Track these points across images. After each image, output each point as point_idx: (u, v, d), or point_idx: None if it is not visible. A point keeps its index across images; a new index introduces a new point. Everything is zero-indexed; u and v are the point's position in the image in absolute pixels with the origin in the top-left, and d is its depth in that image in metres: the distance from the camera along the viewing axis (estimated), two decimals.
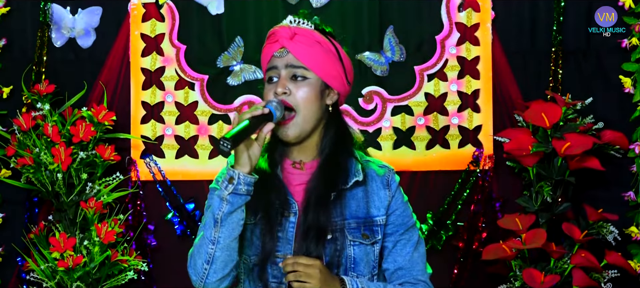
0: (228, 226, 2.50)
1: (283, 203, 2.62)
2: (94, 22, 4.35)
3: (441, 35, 4.30)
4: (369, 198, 2.66)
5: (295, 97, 2.57)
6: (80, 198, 4.03)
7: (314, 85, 2.59)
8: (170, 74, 4.33)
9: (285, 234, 2.61)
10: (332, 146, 2.66)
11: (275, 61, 2.62)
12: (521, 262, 3.99)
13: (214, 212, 2.50)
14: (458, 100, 4.29)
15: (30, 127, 4.01)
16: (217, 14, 4.32)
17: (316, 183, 2.61)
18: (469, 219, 4.25)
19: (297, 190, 2.65)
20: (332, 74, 2.62)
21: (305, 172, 2.66)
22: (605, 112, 4.19)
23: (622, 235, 4.10)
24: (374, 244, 2.66)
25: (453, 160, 4.29)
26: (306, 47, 2.59)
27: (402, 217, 2.71)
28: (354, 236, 2.63)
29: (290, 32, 2.60)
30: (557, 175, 4.00)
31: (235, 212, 2.49)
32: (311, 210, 2.58)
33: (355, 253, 2.63)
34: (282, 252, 2.61)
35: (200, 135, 4.32)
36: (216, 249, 2.51)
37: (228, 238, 2.51)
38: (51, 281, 3.95)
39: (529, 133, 4.04)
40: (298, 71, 2.58)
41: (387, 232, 2.69)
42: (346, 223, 2.62)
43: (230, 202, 2.48)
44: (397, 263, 2.70)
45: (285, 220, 2.62)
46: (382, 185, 2.69)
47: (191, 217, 4.29)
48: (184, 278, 4.27)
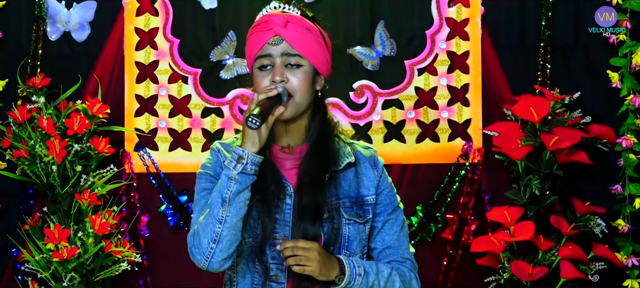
0: (236, 205, 2.50)
1: (278, 186, 2.64)
2: (89, 16, 4.37)
3: (431, 30, 4.33)
4: (360, 178, 2.69)
5: (292, 84, 2.57)
6: (74, 190, 4.05)
7: (308, 72, 2.59)
8: (164, 67, 4.36)
9: (283, 216, 2.63)
10: (320, 130, 2.67)
11: (269, 49, 2.60)
12: (510, 254, 4.00)
13: (221, 191, 2.49)
14: (448, 94, 4.33)
15: (25, 120, 4.03)
16: (210, 8, 4.35)
17: (309, 166, 2.62)
18: (458, 212, 4.28)
19: (290, 173, 2.66)
20: (321, 60, 2.63)
21: (294, 156, 2.67)
22: (593, 106, 4.21)
23: (609, 227, 4.10)
24: (366, 223, 2.68)
25: (443, 153, 4.32)
26: (299, 35, 2.59)
27: (390, 196, 2.74)
28: (349, 215, 2.65)
29: (284, 19, 2.59)
30: (546, 169, 4.01)
31: (243, 191, 2.51)
32: (306, 192, 2.59)
33: (350, 232, 2.65)
34: (280, 233, 2.62)
35: (193, 128, 4.35)
36: (223, 228, 2.51)
37: (235, 218, 2.52)
38: (46, 272, 3.97)
39: (518, 127, 4.06)
40: (293, 59, 2.58)
41: (376, 212, 2.71)
42: (341, 203, 2.65)
43: (239, 181, 2.48)
44: (385, 242, 2.73)
45: (281, 202, 2.63)
46: (370, 166, 2.71)
47: (184, 208, 4.31)
48: (177, 269, 4.34)
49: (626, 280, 4.19)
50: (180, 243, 4.27)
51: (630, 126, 4.20)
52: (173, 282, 4.32)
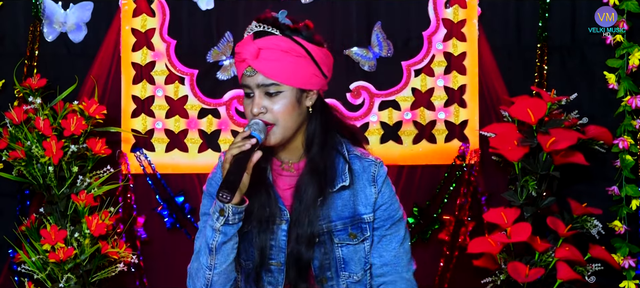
0: (223, 253, 2.52)
1: (274, 211, 2.64)
2: (85, 16, 4.37)
3: (428, 32, 4.33)
4: (356, 197, 2.66)
5: (272, 112, 2.54)
6: (71, 191, 4.04)
7: (289, 96, 2.55)
8: (161, 68, 4.36)
9: (277, 242, 2.63)
10: (318, 144, 2.64)
11: (246, 80, 2.57)
12: (506, 255, 4.00)
13: (208, 241, 2.51)
14: (444, 95, 4.33)
15: (22, 121, 4.03)
16: (207, 9, 4.35)
17: (304, 188, 2.60)
18: (455, 213, 4.29)
19: (286, 194, 2.66)
20: (306, 78, 2.57)
21: (294, 174, 2.65)
22: (590, 107, 4.22)
23: (606, 229, 4.10)
24: (364, 241, 2.66)
25: (439, 154, 4.33)
26: (273, 63, 2.52)
27: (389, 211, 2.71)
28: (341, 238, 2.64)
29: (255, 48, 2.53)
30: (542, 170, 4.01)
31: (228, 241, 2.52)
32: (300, 215, 2.59)
33: (344, 254, 2.64)
34: (275, 260, 2.63)
35: (189, 129, 4.35)
36: (213, 274, 2.54)
37: (224, 264, 2.53)
38: (42, 273, 3.97)
39: (515, 128, 4.05)
40: (270, 88, 2.54)
41: (375, 226, 2.70)
42: (333, 226, 2.63)
43: (223, 232, 2.48)
44: (382, 258, 2.71)
45: (277, 227, 2.63)
46: (368, 183, 2.68)
47: (181, 209, 4.32)
48: (174, 270, 4.35)
49: (623, 281, 4.21)
50: (177, 245, 4.33)
51: (627, 127, 4.20)
52: (169, 283, 4.32)
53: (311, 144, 2.64)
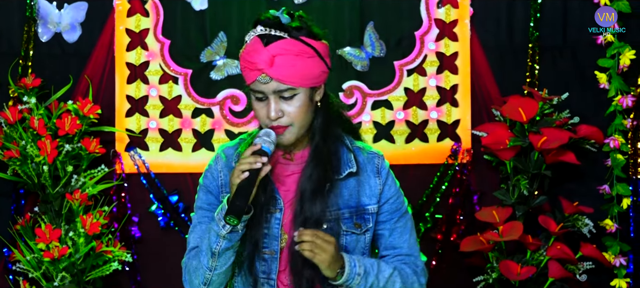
0: (226, 256, 2.53)
1: (268, 199, 2.64)
2: (80, 17, 4.38)
3: (420, 31, 4.34)
4: (361, 187, 2.67)
5: (289, 114, 2.53)
6: (65, 190, 4.06)
7: (303, 97, 2.55)
8: (155, 68, 4.37)
9: (270, 230, 2.64)
10: (321, 134, 2.64)
11: (259, 86, 2.54)
12: (498, 253, 4.02)
13: (211, 245, 2.51)
14: (437, 95, 4.35)
15: (16, 120, 4.04)
16: (201, 9, 4.36)
17: (310, 174, 2.60)
18: (447, 212, 4.30)
19: (288, 180, 2.66)
20: (316, 76, 2.57)
21: (295, 162, 2.67)
22: (581, 107, 4.22)
23: (597, 227, 4.13)
24: (366, 232, 2.68)
25: (432, 153, 4.34)
26: (288, 69, 2.51)
27: (396, 204, 2.72)
28: (347, 226, 2.65)
29: (268, 55, 2.50)
30: (534, 169, 4.03)
31: (231, 247, 2.54)
32: (307, 201, 2.60)
33: (347, 242, 2.65)
34: (268, 248, 2.64)
35: (183, 129, 4.36)
36: (213, 275, 2.55)
37: (225, 265, 2.55)
38: (37, 271, 3.99)
39: (506, 127, 4.07)
40: (286, 93, 2.52)
41: (382, 220, 2.70)
42: (340, 214, 2.65)
43: (227, 238, 2.50)
44: (399, 249, 2.73)
45: (270, 216, 2.63)
46: (373, 174, 2.69)
47: (175, 209, 4.33)
48: (168, 269, 4.35)
49: (614, 279, 4.22)
50: (171, 244, 4.34)
51: (618, 127, 4.21)
52: (164, 282, 4.33)
53: (315, 133, 2.64)
